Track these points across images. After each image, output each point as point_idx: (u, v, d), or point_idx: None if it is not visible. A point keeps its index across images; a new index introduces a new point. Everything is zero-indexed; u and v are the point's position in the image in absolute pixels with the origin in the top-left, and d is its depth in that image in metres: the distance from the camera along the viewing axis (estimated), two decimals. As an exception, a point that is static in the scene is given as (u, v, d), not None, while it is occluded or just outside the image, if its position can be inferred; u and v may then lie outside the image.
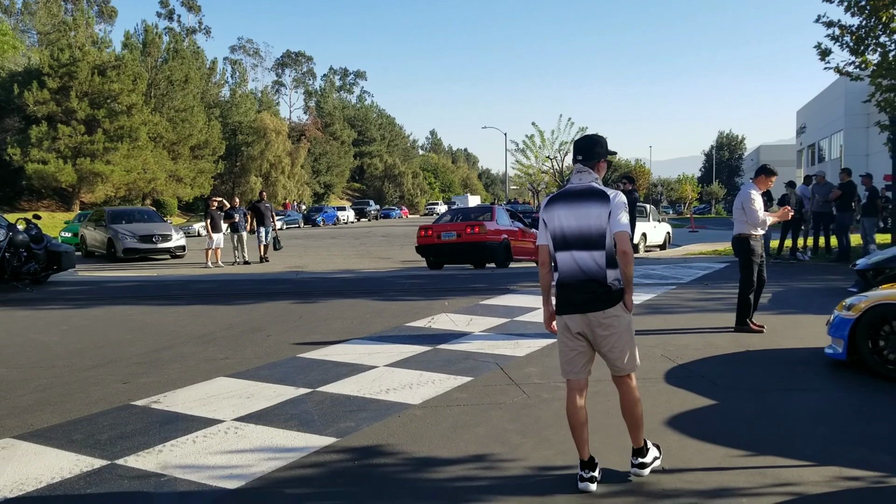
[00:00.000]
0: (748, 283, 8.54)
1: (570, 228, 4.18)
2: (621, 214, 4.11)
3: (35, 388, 6.32)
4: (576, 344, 4.23)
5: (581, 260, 4.14)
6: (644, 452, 4.29)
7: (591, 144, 4.35)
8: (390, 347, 7.81)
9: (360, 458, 4.62)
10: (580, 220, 4.16)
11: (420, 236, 17.38)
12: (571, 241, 4.17)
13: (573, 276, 4.17)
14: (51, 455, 4.69)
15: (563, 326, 4.26)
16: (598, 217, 4.12)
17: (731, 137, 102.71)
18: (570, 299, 4.18)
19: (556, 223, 4.24)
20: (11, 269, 12.45)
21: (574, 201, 4.21)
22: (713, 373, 6.65)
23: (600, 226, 4.11)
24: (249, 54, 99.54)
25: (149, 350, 7.87)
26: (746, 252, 8.52)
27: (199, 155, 55.76)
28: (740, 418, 5.37)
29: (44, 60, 44.91)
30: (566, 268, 4.20)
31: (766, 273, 8.78)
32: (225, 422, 5.33)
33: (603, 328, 4.13)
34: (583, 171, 4.29)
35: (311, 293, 12.50)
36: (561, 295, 4.23)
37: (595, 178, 4.28)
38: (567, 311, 4.20)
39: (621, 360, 4.20)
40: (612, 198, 4.14)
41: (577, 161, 4.31)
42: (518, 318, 9.58)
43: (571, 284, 4.17)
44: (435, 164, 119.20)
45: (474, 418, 5.37)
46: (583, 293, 4.14)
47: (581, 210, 4.17)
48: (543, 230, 4.32)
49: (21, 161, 41.50)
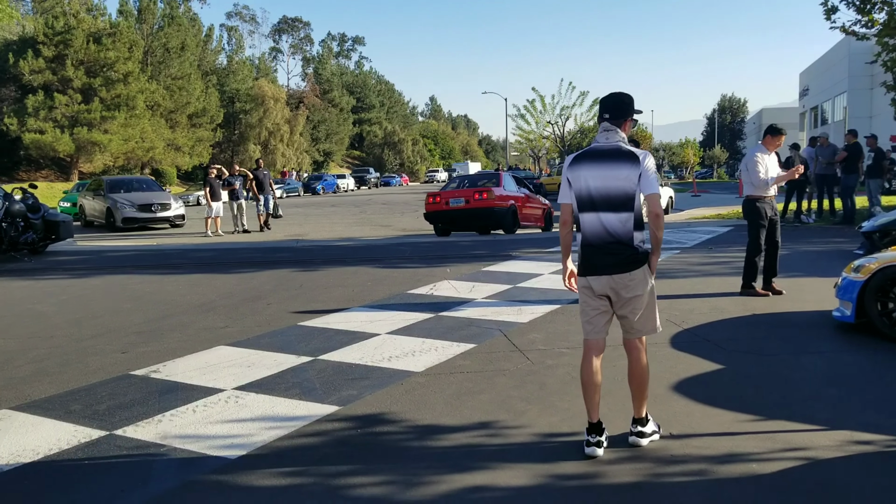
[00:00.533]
0: (754, 246, 8.47)
1: (597, 189, 4.08)
2: (652, 176, 4.05)
3: (33, 359, 6.24)
4: (598, 304, 4.17)
5: (608, 222, 4.06)
6: (644, 423, 4.22)
7: (618, 102, 4.25)
8: (392, 315, 7.72)
9: (362, 426, 4.54)
10: (608, 182, 4.05)
11: (428, 203, 17.36)
12: (598, 203, 4.07)
13: (599, 237, 4.08)
14: (48, 426, 4.62)
15: (585, 287, 4.18)
16: (626, 179, 4.02)
17: (734, 101, 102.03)
18: (595, 261, 4.10)
19: (581, 183, 4.13)
20: (9, 239, 12.33)
21: (601, 161, 4.10)
22: (719, 337, 6.57)
23: (629, 188, 4.02)
24: (246, 20, 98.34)
25: (148, 319, 7.79)
26: (752, 214, 8.47)
27: (197, 123, 55.37)
28: (748, 382, 5.29)
29: (38, 28, 44.35)
30: (591, 229, 4.11)
31: (779, 236, 8.66)
32: (225, 391, 5.25)
33: (627, 290, 4.07)
34: (610, 129, 4.17)
35: (312, 261, 12.40)
36: (585, 256, 4.15)
37: (622, 137, 4.18)
38: (592, 272, 4.11)
39: (641, 321, 4.18)
40: (641, 159, 4.05)
41: (604, 119, 4.19)
42: (521, 284, 9.48)
43: (597, 246, 4.09)
44: (435, 131, 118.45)
45: (478, 385, 5.29)
46: (609, 255, 4.06)
47: (609, 171, 4.06)
48: (567, 189, 4.21)
49: (18, 131, 41.19)
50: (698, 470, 3.82)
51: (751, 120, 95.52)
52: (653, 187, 4.03)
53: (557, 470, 3.84)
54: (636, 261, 4.06)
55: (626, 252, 4.04)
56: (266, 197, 20.65)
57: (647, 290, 4.13)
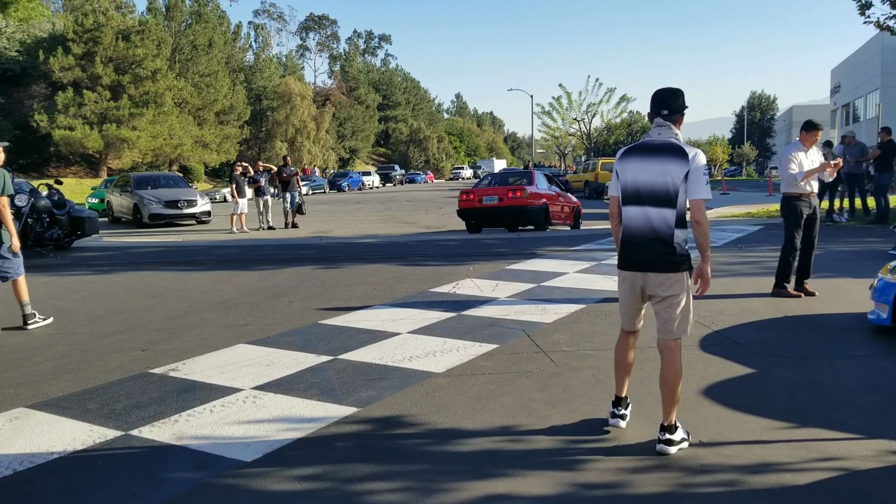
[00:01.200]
0: (788, 246, 8.29)
1: (644, 183, 4.09)
2: (702, 178, 4.03)
3: (52, 356, 6.21)
4: (633, 299, 4.26)
5: (652, 216, 4.07)
6: (673, 430, 4.06)
7: (675, 97, 4.23)
8: (414, 313, 7.61)
9: (381, 428, 4.43)
10: (655, 176, 4.06)
11: (461, 200, 17.48)
12: (645, 197, 4.09)
13: (641, 232, 4.11)
14: (64, 425, 4.56)
15: (624, 280, 4.26)
16: (673, 174, 4.02)
17: (763, 98, 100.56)
18: (633, 257, 4.15)
19: (628, 176, 4.16)
20: (34, 234, 12.40)
21: (651, 155, 4.12)
22: (750, 339, 6.38)
23: (675, 183, 4.02)
24: (273, 18, 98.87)
25: (169, 316, 7.75)
26: (787, 212, 8.31)
27: (225, 120, 55.70)
28: (780, 387, 5.11)
29: (68, 26, 44.84)
30: (634, 223, 4.14)
31: (815, 235, 8.43)
32: (243, 390, 5.17)
33: (663, 289, 4.09)
34: (664, 125, 4.18)
35: (335, 258, 12.33)
36: (625, 250, 4.20)
37: (675, 133, 4.18)
38: (628, 267, 4.19)
39: (672, 322, 4.15)
40: (691, 158, 4.02)
41: (661, 115, 4.18)
42: (545, 283, 9.33)
43: (637, 241, 4.12)
44: (460, 128, 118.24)
45: (500, 387, 5.16)
46: (647, 252, 4.08)
47: (657, 165, 4.07)
48: (615, 182, 4.28)
49: (48, 128, 41.68)
50: (729, 480, 3.67)
51: (781, 117, 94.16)
52: (700, 192, 4.02)
53: (581, 478, 3.71)
54: (673, 262, 4.04)
55: (665, 251, 4.04)
56: (293, 194, 20.61)
57: (681, 292, 4.10)
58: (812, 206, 8.28)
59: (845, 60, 57.35)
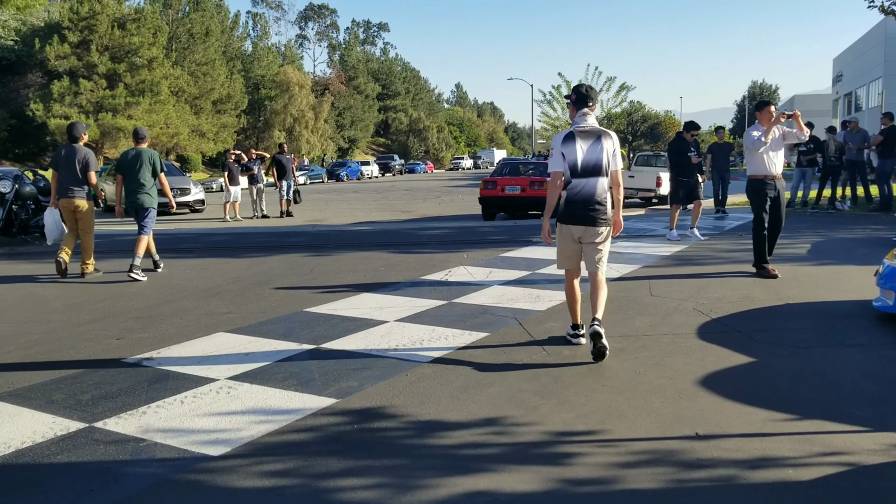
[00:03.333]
0: (756, 226, 8.47)
1: (586, 161, 5.37)
2: (618, 154, 5.50)
3: (24, 344, 5.96)
4: (575, 247, 5.52)
5: (592, 185, 5.37)
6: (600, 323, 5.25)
7: (595, 92, 5.70)
8: (403, 301, 7.36)
9: (359, 421, 4.18)
10: (596, 154, 5.38)
11: (484, 189, 18.08)
12: (587, 170, 5.37)
13: (584, 197, 5.37)
14: (26, 417, 4.31)
15: (566, 233, 5.49)
16: (606, 152, 5.41)
17: (764, 87, 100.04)
18: (578, 214, 5.39)
19: (574, 156, 5.38)
20: (19, 221, 12.13)
21: (588, 138, 5.42)
22: (750, 327, 6.13)
23: (606, 159, 5.40)
24: (272, 7, 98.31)
25: (150, 304, 7.50)
26: (750, 194, 8.53)
27: (222, 109, 55.29)
28: (781, 377, 4.86)
29: (63, 14, 44.41)
30: (582, 190, 5.37)
31: (781, 216, 8.49)
32: (218, 381, 4.92)
33: (597, 237, 5.42)
34: (588, 113, 5.52)
35: (326, 246, 12.08)
36: (570, 210, 5.42)
37: (594, 118, 5.55)
38: (573, 222, 5.42)
39: (602, 260, 5.49)
40: (614, 139, 5.50)
41: (588, 106, 5.52)
42: (539, 270, 9.08)
43: (582, 202, 5.38)
44: (460, 118, 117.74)
45: (488, 377, 4.91)
46: (589, 210, 5.37)
47: (595, 145, 5.40)
48: (560, 160, 5.43)
49: (44, 116, 41.28)
50: (727, 476, 3.42)
51: (782, 107, 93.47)
52: (618, 164, 5.47)
53: (569, 474, 3.46)
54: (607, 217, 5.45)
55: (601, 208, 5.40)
56: (288, 182, 20.28)
57: (608, 238, 5.50)
58: (777, 190, 8.39)
59: (847, 49, 56.86)
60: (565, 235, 5.48)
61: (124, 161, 9.66)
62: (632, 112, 73.39)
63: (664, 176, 21.53)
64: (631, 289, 7.83)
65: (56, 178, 9.42)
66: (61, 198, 9.38)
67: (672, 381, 4.75)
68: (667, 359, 5.26)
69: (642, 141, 74.20)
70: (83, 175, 9.31)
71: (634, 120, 74.07)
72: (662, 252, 10.55)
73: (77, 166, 9.28)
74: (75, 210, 9.36)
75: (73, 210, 9.36)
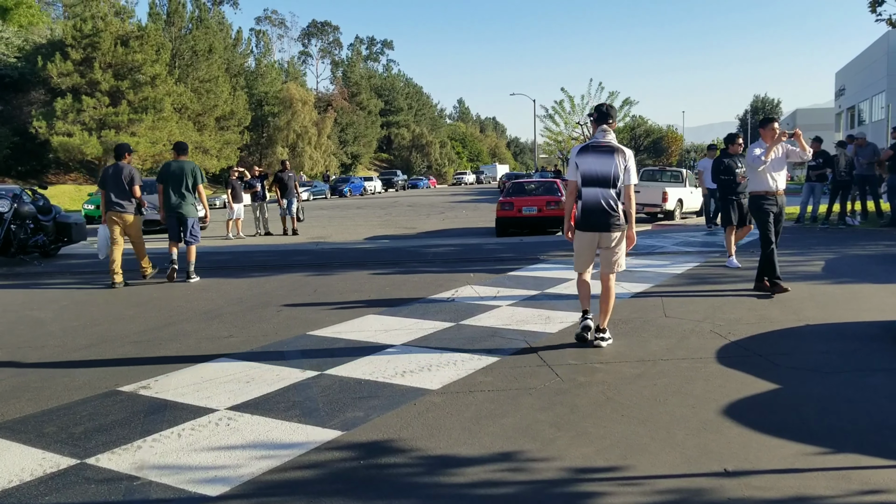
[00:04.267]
0: (763, 242, 8.44)
1: (597, 172, 5.92)
2: (633, 170, 5.99)
3: (17, 372, 5.74)
4: (591, 251, 6.10)
5: (603, 195, 5.92)
6: (605, 331, 6.08)
7: (612, 111, 6.21)
8: (409, 323, 7.13)
9: (366, 456, 3.95)
10: (606, 167, 5.91)
11: (501, 210, 18.49)
12: (597, 180, 5.92)
13: (596, 205, 5.93)
14: (14, 452, 4.09)
15: (583, 239, 6.07)
16: (617, 166, 5.91)
17: (767, 101, 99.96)
18: (592, 221, 5.97)
19: (586, 167, 5.96)
20: (18, 241, 11.91)
21: (602, 153, 5.96)
22: (770, 351, 5.89)
23: (618, 173, 5.91)
24: (275, 25, 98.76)
25: (148, 328, 7.27)
26: (753, 211, 8.63)
27: (225, 126, 55.26)
28: (809, 405, 4.62)
29: (66, 32, 44.47)
30: (592, 199, 5.94)
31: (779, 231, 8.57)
32: (217, 411, 4.69)
33: (612, 241, 5.99)
34: (607, 130, 6.07)
35: (329, 265, 11.86)
36: (585, 218, 6.00)
37: (613, 136, 6.07)
38: (589, 229, 6.01)
39: (616, 264, 6.04)
40: (627, 155, 5.99)
41: (608, 123, 6.07)
42: (549, 289, 8.85)
43: (595, 210, 5.94)
44: (463, 134, 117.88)
45: (501, 406, 4.67)
46: (602, 217, 5.93)
47: (607, 159, 5.93)
48: (574, 170, 6.06)
49: (47, 134, 41.22)
50: (763, 519, 3.18)
51: (784, 121, 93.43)
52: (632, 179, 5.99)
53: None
54: (619, 224, 5.98)
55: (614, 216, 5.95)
56: (290, 199, 20.08)
57: (622, 244, 6.01)
58: (778, 206, 8.42)
59: (850, 63, 56.77)
60: (582, 241, 6.08)
61: (167, 172, 10.42)
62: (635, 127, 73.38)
63: (670, 191, 21.35)
64: (644, 309, 7.60)
65: (104, 195, 10.28)
66: (110, 212, 10.21)
67: (695, 411, 4.51)
68: (687, 385, 5.02)
69: (645, 155, 74.11)
70: (129, 190, 10.21)
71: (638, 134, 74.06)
72: (673, 270, 10.32)
73: (124, 182, 10.20)
74: (123, 223, 10.23)
75: (121, 223, 10.22)
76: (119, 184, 10.20)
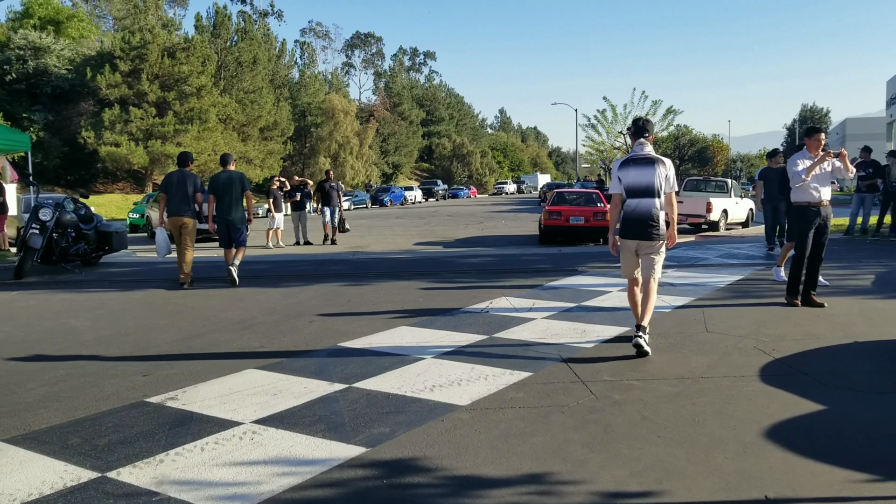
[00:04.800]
0: (796, 254, 8.26)
1: (640, 184, 6.21)
2: (673, 178, 6.31)
3: (48, 381, 5.74)
4: (634, 257, 6.37)
5: (645, 204, 6.20)
6: (646, 330, 6.18)
7: (651, 125, 6.61)
8: (441, 335, 7.01)
9: (389, 474, 3.83)
10: (648, 178, 6.20)
11: (548, 219, 18.79)
12: (640, 191, 6.21)
13: (638, 215, 6.22)
14: (37, 464, 4.05)
15: (626, 246, 6.38)
16: (658, 176, 6.20)
17: (815, 110, 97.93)
18: (634, 230, 6.25)
19: (629, 179, 6.26)
20: (59, 250, 12.07)
21: (643, 165, 6.25)
22: (817, 369, 5.64)
23: (659, 183, 6.19)
24: (319, 36, 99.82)
25: (181, 337, 7.26)
26: (792, 222, 8.55)
27: (269, 136, 55.95)
28: (857, 428, 4.38)
29: (115, 44, 45.48)
30: (636, 209, 6.22)
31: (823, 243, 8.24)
32: (243, 424, 4.62)
33: (651, 249, 6.25)
34: (644, 143, 6.38)
35: (365, 275, 11.80)
36: (627, 226, 6.29)
37: (651, 148, 6.38)
38: (631, 237, 6.29)
39: (656, 270, 6.31)
40: (668, 165, 6.30)
41: (644, 137, 6.39)
42: (586, 302, 8.65)
43: (637, 219, 6.22)
44: (504, 143, 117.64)
45: (531, 425, 4.52)
46: (643, 227, 6.21)
47: (648, 170, 6.22)
48: (617, 183, 6.38)
49: (95, 144, 42.17)
50: (806, 553, 2.98)
51: (833, 130, 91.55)
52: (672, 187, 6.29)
53: (623, 546, 3.05)
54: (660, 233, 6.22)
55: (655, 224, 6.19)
56: (333, 209, 20.11)
57: (661, 250, 6.29)
58: (823, 216, 8.13)
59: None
60: (625, 248, 6.40)
61: (217, 183, 11.04)
62: (679, 136, 72.44)
63: (715, 201, 20.93)
64: (685, 323, 7.37)
65: (165, 199, 10.84)
66: (171, 216, 10.80)
67: (735, 433, 4.30)
68: (728, 405, 4.80)
69: (690, 165, 73.05)
70: (192, 196, 10.85)
71: (682, 144, 73.07)
72: (717, 282, 10.04)
73: (189, 189, 10.82)
74: (182, 227, 10.79)
75: (180, 226, 10.78)
76: (183, 190, 10.78)
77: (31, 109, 42.58)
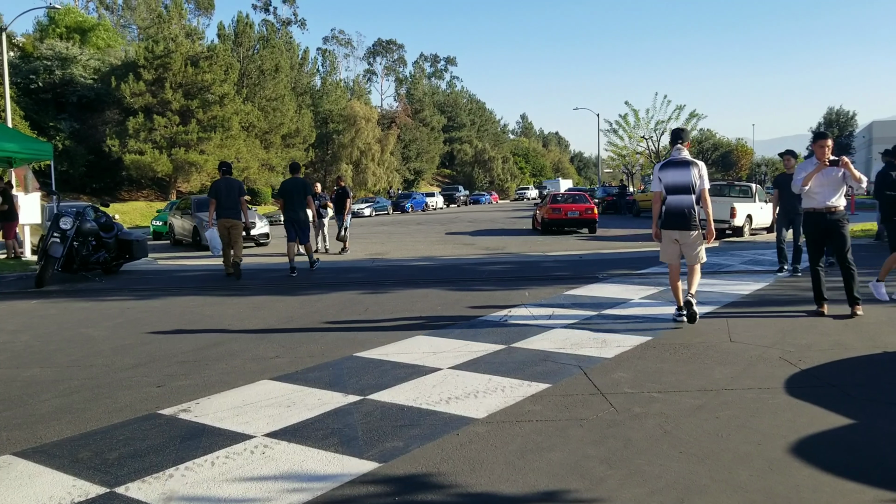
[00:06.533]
0: (810, 261, 8.34)
1: (677, 182, 7.49)
2: (706, 177, 7.55)
3: (62, 392, 5.71)
4: (674, 246, 7.62)
5: (683, 200, 7.46)
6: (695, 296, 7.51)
7: (686, 133, 7.93)
8: (458, 345, 6.90)
9: (401, 491, 3.72)
10: (685, 178, 7.48)
11: (551, 213, 25.36)
12: (679, 189, 7.48)
13: (677, 209, 7.49)
14: (46, 478, 3.99)
15: (667, 236, 7.66)
16: (693, 175, 7.46)
17: (841, 113, 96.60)
18: (674, 221, 7.53)
19: (669, 179, 7.56)
20: (80, 258, 12.12)
21: (680, 166, 7.52)
22: (845, 381, 5.46)
23: (694, 182, 7.45)
24: (342, 44, 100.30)
25: (197, 347, 7.22)
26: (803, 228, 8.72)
27: (291, 143, 56.26)
28: (888, 444, 4.21)
29: (139, 53, 45.94)
30: (675, 204, 7.51)
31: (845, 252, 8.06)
32: (255, 438, 4.54)
33: (690, 238, 7.50)
34: (681, 148, 7.63)
35: (382, 283, 11.72)
36: (667, 219, 7.57)
37: (687, 152, 7.63)
38: (671, 227, 7.57)
39: (697, 257, 7.54)
40: (701, 166, 7.55)
41: (680, 142, 7.66)
42: (607, 311, 8.51)
43: (676, 213, 7.49)
44: (525, 149, 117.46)
45: (549, 439, 4.40)
46: (681, 218, 7.47)
47: (684, 171, 7.50)
48: (658, 182, 7.66)
49: (119, 152, 42.58)
50: (836, 579, 2.84)
51: (860, 133, 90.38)
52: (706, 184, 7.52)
53: (642, 571, 2.93)
54: (696, 224, 7.50)
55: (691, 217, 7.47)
56: (338, 217, 20.03)
57: (699, 240, 7.50)
58: (829, 221, 7.96)
59: (931, 72, 54.51)
60: (666, 237, 7.67)
61: (285, 189, 13.15)
62: (702, 140, 71.86)
63: (739, 206, 20.66)
64: (708, 333, 7.21)
65: (215, 203, 12.68)
66: (221, 218, 12.70)
67: (760, 448, 4.15)
68: (752, 419, 4.65)
69: (714, 169, 72.41)
70: (238, 200, 12.75)
71: (705, 148, 72.47)
72: (741, 290, 9.85)
73: (236, 193, 12.78)
74: (231, 227, 12.71)
75: (230, 227, 12.71)
76: (232, 195, 12.69)
77: (57, 118, 43.09)
